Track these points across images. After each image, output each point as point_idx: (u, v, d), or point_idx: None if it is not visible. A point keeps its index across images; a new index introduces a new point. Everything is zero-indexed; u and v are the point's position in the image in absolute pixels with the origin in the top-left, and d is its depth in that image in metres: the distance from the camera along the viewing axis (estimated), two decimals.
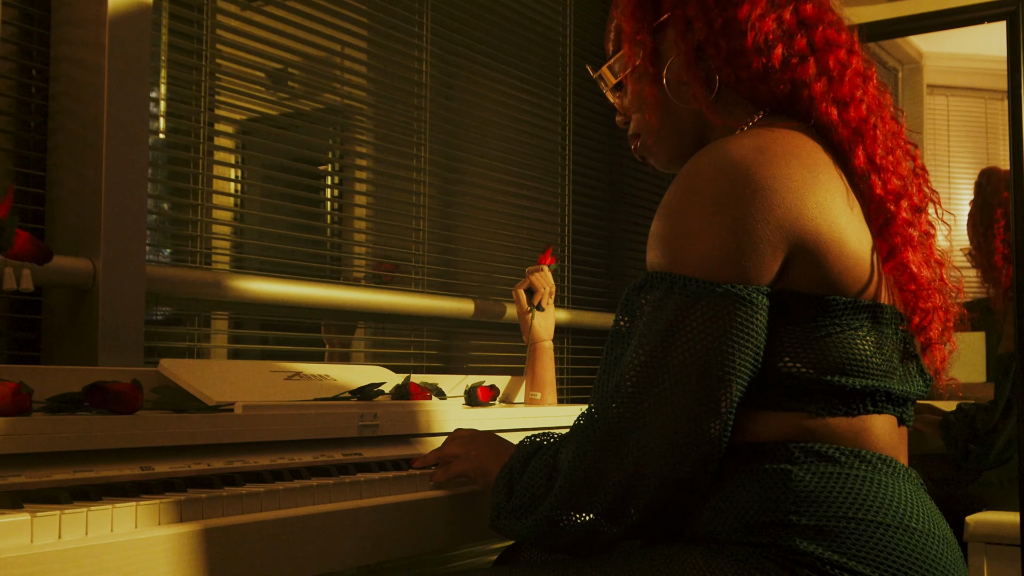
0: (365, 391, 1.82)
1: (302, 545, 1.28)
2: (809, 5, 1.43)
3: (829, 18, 1.45)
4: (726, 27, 1.40)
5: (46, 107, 1.90)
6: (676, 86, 1.47)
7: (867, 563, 1.19)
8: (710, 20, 1.41)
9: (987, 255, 3.41)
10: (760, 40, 1.39)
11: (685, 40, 1.44)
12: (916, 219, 1.41)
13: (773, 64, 1.39)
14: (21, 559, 0.97)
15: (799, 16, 1.42)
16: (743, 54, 1.40)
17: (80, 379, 1.53)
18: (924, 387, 1.42)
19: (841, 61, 1.42)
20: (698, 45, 1.43)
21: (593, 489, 1.28)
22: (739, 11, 1.39)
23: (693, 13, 1.42)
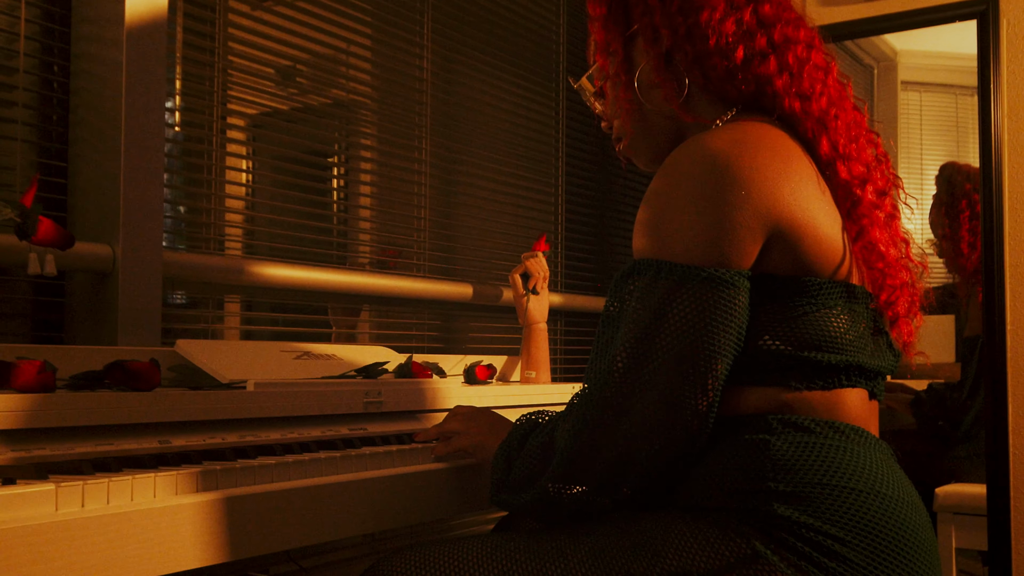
0: (370, 370, 1.83)
1: (310, 514, 1.29)
2: (767, 5, 1.44)
3: (787, 16, 1.45)
4: (690, 32, 1.41)
5: (68, 102, 1.90)
6: (648, 90, 1.48)
7: (840, 526, 1.20)
8: (675, 27, 1.42)
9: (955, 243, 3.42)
10: (722, 42, 1.40)
11: (654, 47, 1.45)
12: (881, 201, 1.43)
13: (736, 64, 1.40)
14: (47, 526, 0.98)
15: (758, 16, 1.43)
16: (708, 56, 1.41)
17: (101, 358, 1.54)
18: (894, 361, 1.43)
19: (800, 57, 1.43)
20: (666, 51, 1.44)
21: (588, 465, 1.29)
22: (700, 16, 1.40)
23: (659, 22, 1.43)
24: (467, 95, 2.95)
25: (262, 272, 2.19)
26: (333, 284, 2.38)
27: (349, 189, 2.70)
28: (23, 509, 1.00)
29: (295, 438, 1.52)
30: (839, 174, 1.39)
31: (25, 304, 1.84)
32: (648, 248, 1.28)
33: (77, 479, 1.07)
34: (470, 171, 2.94)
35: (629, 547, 1.26)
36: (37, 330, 1.85)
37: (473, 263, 2.94)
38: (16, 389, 1.28)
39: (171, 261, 1.96)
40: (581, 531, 1.32)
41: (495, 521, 1.80)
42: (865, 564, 1.19)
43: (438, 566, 1.36)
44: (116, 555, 1.04)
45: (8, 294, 1.81)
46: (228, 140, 2.28)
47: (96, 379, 1.41)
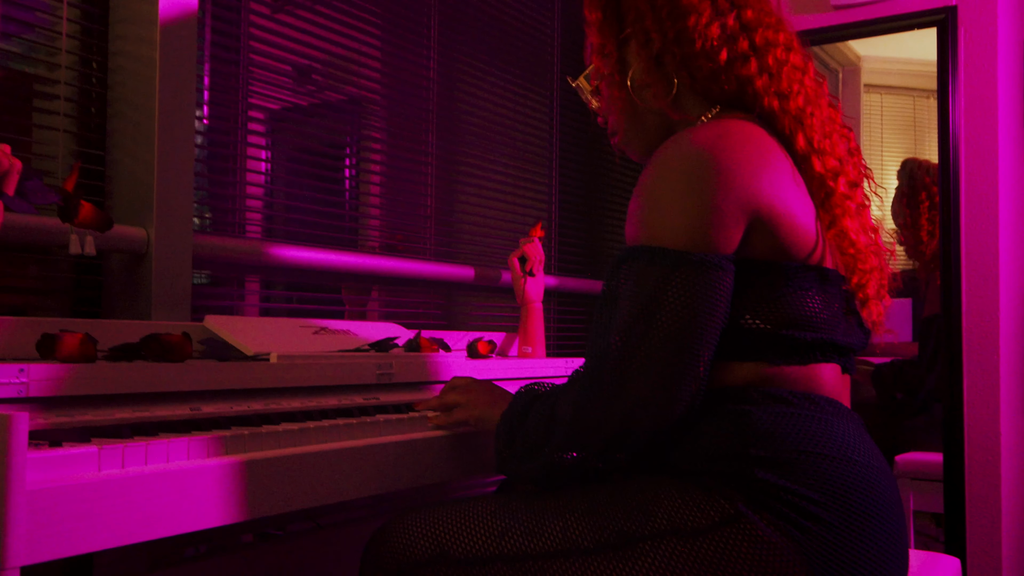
0: (382, 344, 1.83)
1: (328, 475, 1.29)
2: (749, 11, 1.44)
3: (768, 21, 1.45)
4: (678, 36, 1.41)
5: (106, 95, 1.89)
6: (640, 89, 1.48)
7: (815, 489, 1.20)
8: (664, 31, 1.42)
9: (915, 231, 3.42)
10: (707, 46, 1.40)
11: (645, 50, 1.45)
12: (852, 193, 1.43)
13: (720, 65, 1.40)
14: (91, 485, 0.97)
15: (741, 21, 1.43)
16: (694, 58, 1.41)
17: (137, 331, 1.53)
18: (864, 339, 1.44)
19: (779, 59, 1.43)
20: (656, 53, 1.44)
21: (588, 436, 1.29)
22: (688, 21, 1.40)
23: (650, 26, 1.43)
24: (470, 94, 2.94)
25: (280, 254, 2.18)
26: (346, 265, 2.38)
27: (360, 178, 2.69)
28: (69, 469, 0.99)
29: (314, 406, 1.51)
30: (814, 167, 1.39)
31: (67, 282, 1.84)
32: (641, 236, 1.28)
33: (117, 442, 1.07)
34: (472, 163, 2.94)
35: (623, 507, 1.26)
36: (77, 306, 1.85)
37: (474, 247, 2.94)
38: (60, 359, 1.28)
39: (199, 243, 1.95)
40: (578, 492, 1.32)
41: (496, 484, 1.80)
42: (838, 524, 1.20)
43: (446, 524, 1.36)
44: (153, 511, 1.03)
45: (51, 272, 1.81)
46: (250, 132, 2.27)
47: (133, 351, 1.40)
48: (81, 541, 0.96)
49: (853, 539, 1.20)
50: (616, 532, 1.24)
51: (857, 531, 1.20)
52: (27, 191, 1.31)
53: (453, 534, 1.35)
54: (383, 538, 1.41)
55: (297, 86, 2.46)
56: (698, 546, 1.19)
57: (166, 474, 1.06)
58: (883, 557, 1.23)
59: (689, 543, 1.20)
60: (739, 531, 1.19)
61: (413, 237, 2.74)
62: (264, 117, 2.39)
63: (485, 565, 1.31)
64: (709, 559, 1.19)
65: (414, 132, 2.74)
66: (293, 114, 2.48)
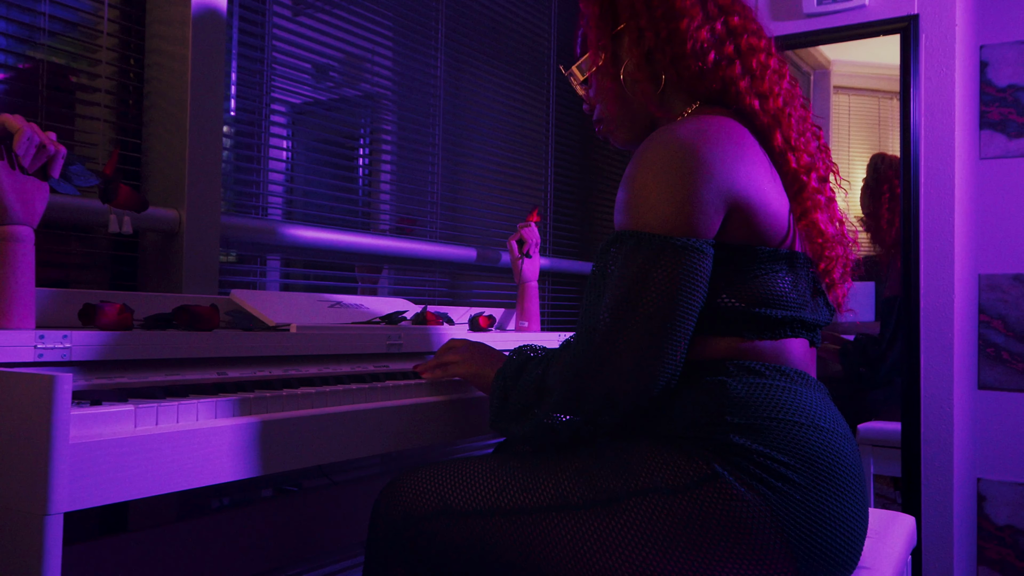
0: (391, 317, 1.83)
1: (341, 435, 1.29)
2: (736, 17, 1.44)
3: (751, 27, 1.45)
4: (670, 37, 1.41)
5: (142, 88, 1.88)
6: (631, 83, 1.47)
7: (785, 452, 1.21)
8: (657, 31, 1.42)
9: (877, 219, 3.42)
10: (697, 47, 1.40)
11: (638, 46, 1.44)
12: (822, 187, 1.43)
13: (708, 66, 1.40)
14: (127, 439, 0.98)
15: (728, 26, 1.43)
16: (684, 58, 1.40)
17: (169, 303, 1.54)
18: (829, 316, 1.44)
19: (762, 62, 1.43)
20: (648, 50, 1.43)
21: (577, 404, 1.29)
22: (680, 23, 1.40)
23: (644, 24, 1.43)
24: (473, 90, 2.94)
25: (300, 234, 2.18)
26: (359, 245, 2.38)
27: (373, 166, 2.69)
28: (108, 426, 1.00)
29: (330, 372, 1.52)
30: (789, 163, 1.39)
31: (106, 258, 1.84)
32: (628, 221, 1.28)
33: (151, 402, 1.07)
34: (474, 153, 2.94)
35: (609, 467, 1.27)
36: (116, 280, 1.85)
37: (476, 230, 2.94)
38: (100, 327, 1.28)
39: (226, 224, 1.95)
40: (569, 453, 1.33)
41: (493, 447, 1.81)
42: (806, 484, 1.20)
43: (449, 481, 1.37)
44: (183, 465, 1.04)
45: (92, 249, 1.81)
46: (273, 124, 2.26)
47: (165, 320, 1.41)
48: (118, 490, 0.97)
49: (819, 498, 1.21)
50: (603, 490, 1.25)
51: (822, 490, 1.21)
52: (70, 175, 1.31)
53: (455, 490, 1.36)
54: (391, 493, 1.41)
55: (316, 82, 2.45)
56: (678, 503, 1.20)
57: (195, 431, 1.06)
58: (845, 514, 1.23)
59: (669, 500, 1.21)
60: (715, 489, 1.19)
61: (420, 221, 2.74)
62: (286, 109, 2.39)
63: (484, 518, 1.32)
64: (688, 514, 1.20)
65: (422, 124, 2.74)
66: (312, 107, 2.48)
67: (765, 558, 1.18)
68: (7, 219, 1.20)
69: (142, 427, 1.04)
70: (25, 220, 1.22)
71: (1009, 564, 3.14)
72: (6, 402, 0.94)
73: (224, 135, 2.05)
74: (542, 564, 1.27)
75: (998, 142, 3.21)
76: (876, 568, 1.34)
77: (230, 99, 2.15)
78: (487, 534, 1.31)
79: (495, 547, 1.31)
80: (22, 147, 1.20)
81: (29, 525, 0.91)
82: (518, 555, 1.29)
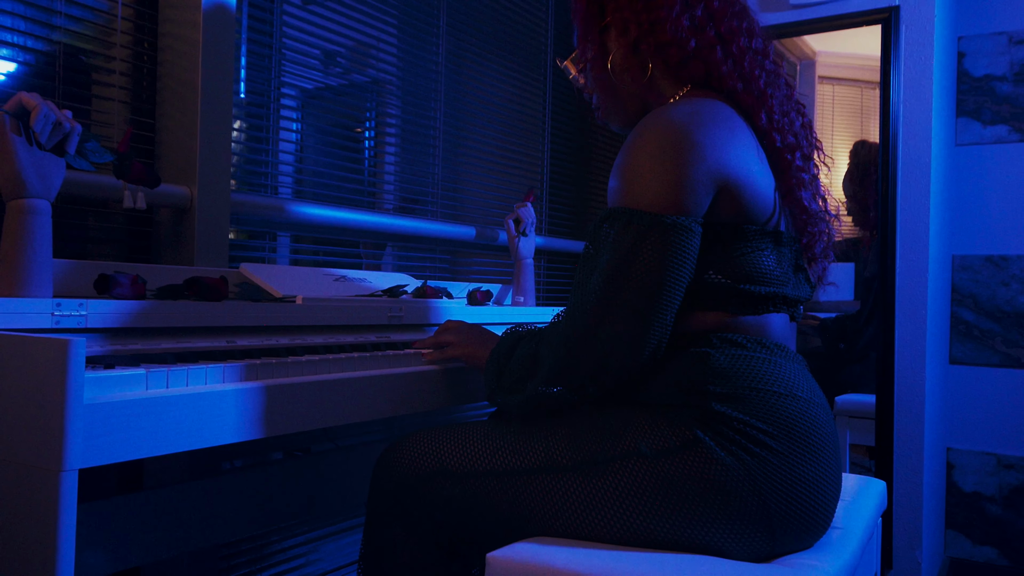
0: (393, 291, 1.83)
1: (345, 400, 1.30)
2: (716, 2, 1.43)
3: (732, 10, 1.44)
4: (653, 27, 1.40)
5: (156, 71, 1.87)
6: (619, 72, 1.47)
7: (764, 420, 1.21)
8: (640, 22, 1.41)
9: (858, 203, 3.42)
10: (678, 35, 1.39)
11: (624, 37, 1.44)
12: (806, 165, 1.43)
13: (689, 53, 1.39)
14: (140, 401, 0.98)
15: (707, 12, 1.42)
16: (667, 46, 1.40)
17: (181, 275, 1.54)
18: (810, 292, 1.44)
19: (742, 46, 1.42)
20: (633, 41, 1.43)
21: (568, 374, 1.29)
22: (660, 13, 1.40)
23: (628, 16, 1.42)
24: (473, 76, 2.93)
25: (307, 212, 2.18)
26: (364, 223, 2.37)
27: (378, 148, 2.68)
28: (121, 388, 1.00)
29: (334, 342, 1.52)
30: (774, 143, 1.39)
31: (120, 232, 1.84)
32: (621, 199, 1.28)
33: (163, 366, 1.08)
34: (475, 136, 2.93)
35: (596, 431, 1.27)
36: (130, 253, 1.85)
37: (476, 210, 2.93)
38: (115, 296, 1.28)
39: (236, 201, 1.95)
40: (559, 419, 1.33)
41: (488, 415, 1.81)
42: (784, 451, 1.21)
43: (446, 444, 1.38)
44: (192, 425, 1.04)
45: (107, 224, 1.81)
46: (282, 106, 2.26)
47: (177, 291, 1.40)
48: (130, 449, 0.97)
49: (795, 463, 1.21)
50: (590, 452, 1.25)
51: (799, 456, 1.22)
52: (86, 151, 1.31)
53: (452, 452, 1.36)
54: (391, 456, 1.42)
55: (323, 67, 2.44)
56: (661, 466, 1.21)
57: (205, 394, 1.06)
58: (820, 479, 1.24)
59: (653, 463, 1.21)
60: (697, 454, 1.20)
61: (422, 200, 2.74)
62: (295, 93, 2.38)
63: (478, 479, 1.32)
64: (670, 477, 1.20)
65: (424, 109, 2.73)
66: (321, 92, 2.47)
67: (743, 520, 1.18)
68: (25, 192, 1.20)
69: (153, 390, 1.04)
70: (42, 194, 1.22)
71: (975, 528, 3.16)
72: (25, 366, 0.94)
73: (235, 117, 2.04)
74: (533, 522, 1.28)
75: (973, 129, 3.20)
76: (847, 528, 1.35)
77: (240, 82, 2.14)
78: (481, 494, 1.32)
79: (489, 506, 1.31)
80: (39, 124, 1.19)
81: (46, 481, 0.92)
82: (510, 514, 1.30)
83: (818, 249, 1.45)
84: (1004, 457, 3.13)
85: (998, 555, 3.13)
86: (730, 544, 1.19)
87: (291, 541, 2.26)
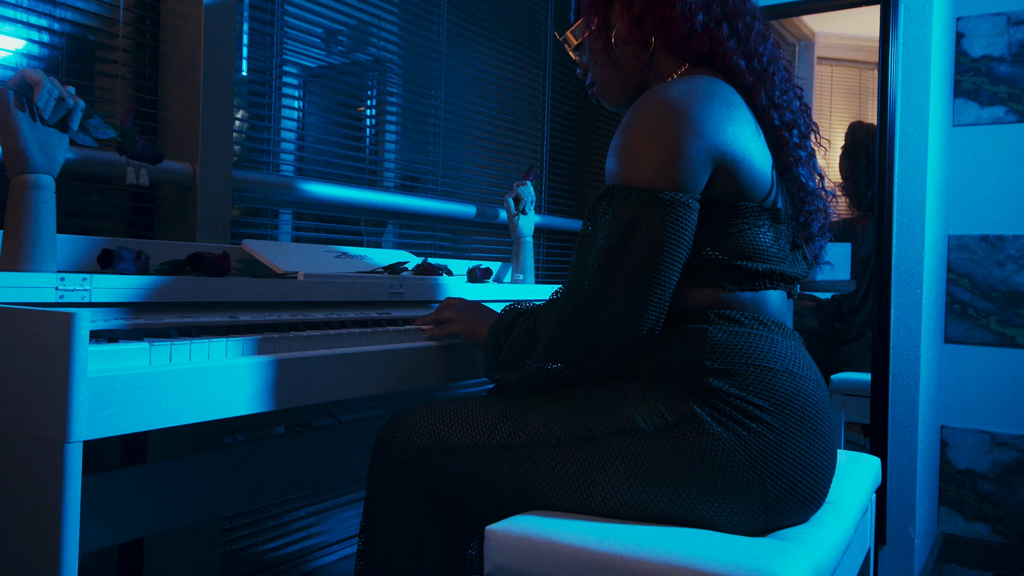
0: (394, 267, 1.83)
1: (344, 375, 1.30)
2: None
3: None
4: (659, 1, 1.39)
5: (158, 48, 1.87)
6: (621, 46, 1.46)
7: (761, 396, 1.21)
8: None
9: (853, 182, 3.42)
10: (685, 10, 1.38)
11: (628, 11, 1.43)
12: (803, 143, 1.42)
13: (695, 28, 1.38)
14: (143, 375, 0.99)
15: None
16: (672, 20, 1.39)
17: (184, 251, 1.54)
18: (807, 269, 1.44)
19: (747, 25, 1.41)
20: (638, 14, 1.42)
21: (566, 350, 1.29)
22: None
23: None
24: (474, 54, 2.91)
25: (309, 189, 2.17)
26: (365, 201, 2.37)
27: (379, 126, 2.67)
28: (124, 362, 1.00)
29: (335, 318, 1.52)
30: (772, 120, 1.38)
31: (124, 208, 1.83)
32: (619, 176, 1.28)
33: (166, 340, 1.08)
34: (475, 115, 2.92)
35: (594, 407, 1.27)
36: (132, 229, 1.85)
37: (476, 189, 2.93)
38: (118, 272, 1.28)
39: (238, 178, 1.95)
40: (557, 395, 1.33)
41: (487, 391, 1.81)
42: (780, 426, 1.21)
43: (444, 419, 1.38)
44: (195, 399, 1.05)
45: (111, 200, 1.80)
46: (284, 84, 2.25)
47: (180, 266, 1.40)
48: (134, 421, 0.97)
49: (790, 439, 1.21)
50: (587, 427, 1.26)
51: (794, 432, 1.22)
52: (89, 127, 1.31)
53: (451, 427, 1.37)
54: (391, 431, 1.42)
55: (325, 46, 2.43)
56: (657, 441, 1.21)
57: (207, 368, 1.07)
58: (815, 454, 1.24)
59: (649, 438, 1.21)
60: (693, 429, 1.20)
61: (423, 179, 2.73)
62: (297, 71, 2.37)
63: (477, 453, 1.33)
64: (666, 452, 1.20)
65: (425, 87, 2.72)
66: (323, 70, 2.46)
67: (739, 495, 1.19)
68: (29, 167, 1.20)
69: (156, 363, 1.04)
70: (46, 169, 1.22)
71: (969, 505, 3.17)
72: (29, 339, 0.95)
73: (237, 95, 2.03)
74: (531, 496, 1.28)
75: (971, 110, 3.19)
76: (841, 504, 1.36)
77: (242, 60, 2.13)
78: (480, 469, 1.32)
79: (488, 481, 1.32)
80: (42, 99, 1.19)
81: (51, 453, 0.92)
82: (509, 488, 1.30)
83: (815, 227, 1.44)
84: (997, 435, 3.14)
85: (990, 531, 3.14)
86: (726, 518, 1.20)
87: (293, 514, 2.27)
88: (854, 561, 1.45)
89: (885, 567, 2.75)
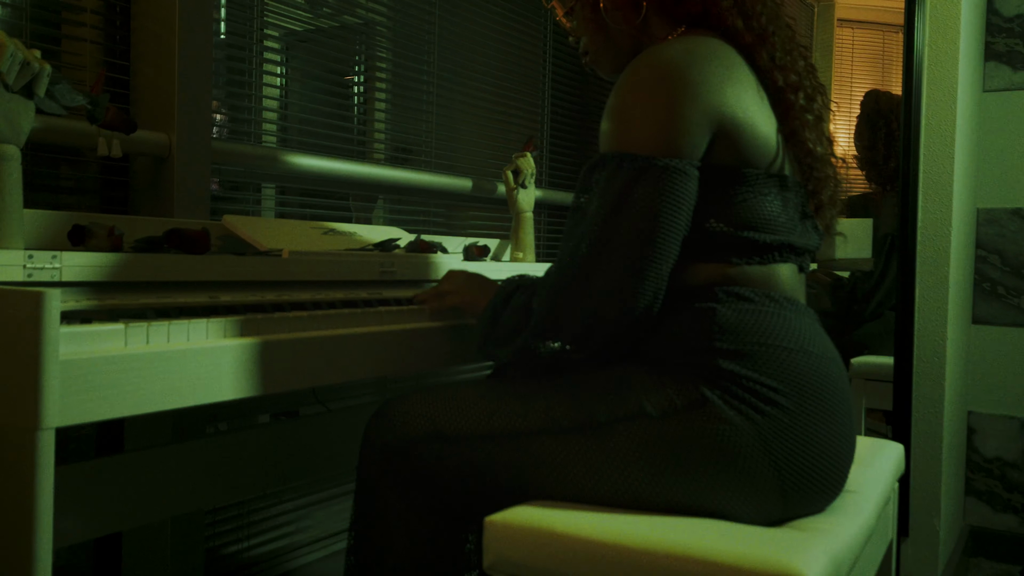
0: (385, 244, 1.83)
1: (332, 358, 1.30)
2: None
3: None
4: None
5: (129, 8, 1.86)
6: (612, 11, 1.46)
7: (774, 377, 1.21)
8: None
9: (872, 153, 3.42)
10: None
11: None
12: (809, 105, 1.42)
13: None
14: (118, 357, 0.99)
15: None
16: None
17: (161, 227, 1.54)
18: (818, 241, 1.44)
19: None
20: None
21: (560, 325, 1.29)
22: None
23: None
24: (470, 18, 2.90)
25: (294, 162, 2.17)
26: (354, 174, 2.37)
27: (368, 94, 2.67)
28: (98, 344, 1.00)
29: (322, 298, 1.52)
30: (775, 82, 1.38)
31: (95, 182, 1.83)
32: (612, 143, 1.28)
33: (142, 321, 1.08)
34: (471, 83, 2.91)
35: (599, 391, 1.28)
36: (105, 204, 1.85)
37: (473, 161, 2.93)
38: (90, 249, 1.28)
39: (218, 149, 1.94)
40: (560, 379, 1.34)
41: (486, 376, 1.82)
42: (794, 408, 1.21)
43: (440, 405, 1.38)
44: (174, 384, 1.05)
45: (81, 172, 1.80)
46: (266, 49, 2.24)
47: (157, 243, 1.40)
48: (109, 407, 0.97)
49: (807, 422, 1.22)
50: (592, 414, 1.26)
51: (811, 415, 1.22)
52: (56, 93, 1.30)
53: (446, 414, 1.37)
54: (382, 417, 1.42)
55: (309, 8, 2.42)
56: (666, 427, 1.21)
57: (187, 351, 1.07)
58: (833, 438, 1.25)
59: (658, 424, 1.22)
60: (704, 414, 1.20)
61: (416, 150, 2.73)
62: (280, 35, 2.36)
63: (475, 442, 1.33)
64: (676, 439, 1.21)
65: (418, 52, 2.71)
66: (309, 34, 2.45)
67: (753, 482, 1.19)
68: None
69: (132, 346, 1.04)
70: (11, 139, 1.21)
71: (997, 495, 3.18)
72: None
73: (216, 59, 2.03)
74: (532, 486, 1.29)
75: (1003, 74, 3.18)
76: (862, 492, 1.36)
77: (220, 22, 2.13)
78: (478, 457, 1.32)
79: (486, 470, 1.32)
80: (5, 64, 1.19)
81: (22, 440, 0.92)
82: (509, 478, 1.30)
83: (825, 195, 1.44)
84: None
85: (1020, 523, 3.16)
86: (739, 507, 1.20)
87: (279, 508, 2.28)
88: (875, 553, 1.45)
89: (908, 560, 2.76)
